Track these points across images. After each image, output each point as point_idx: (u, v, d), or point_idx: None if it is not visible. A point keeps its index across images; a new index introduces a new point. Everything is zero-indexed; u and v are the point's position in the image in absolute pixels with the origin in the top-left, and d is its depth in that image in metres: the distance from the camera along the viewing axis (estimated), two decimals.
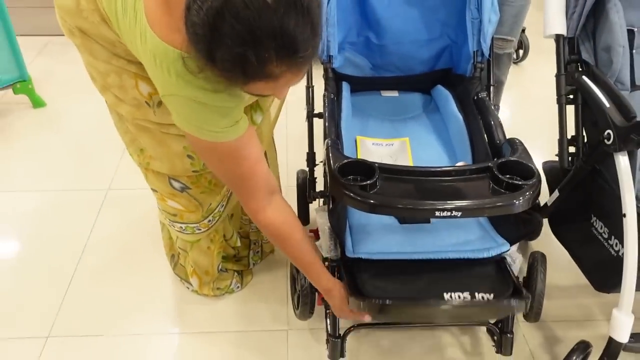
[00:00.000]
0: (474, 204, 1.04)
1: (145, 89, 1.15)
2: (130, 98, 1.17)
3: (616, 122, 1.20)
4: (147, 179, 1.40)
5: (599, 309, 1.63)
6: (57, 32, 1.25)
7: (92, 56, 1.13)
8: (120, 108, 1.20)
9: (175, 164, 1.28)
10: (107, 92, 1.20)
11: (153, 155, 1.29)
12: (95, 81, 1.21)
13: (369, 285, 1.18)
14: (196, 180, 1.34)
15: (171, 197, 1.38)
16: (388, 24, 1.61)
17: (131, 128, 1.26)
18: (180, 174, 1.31)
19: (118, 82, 1.15)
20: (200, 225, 1.45)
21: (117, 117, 1.28)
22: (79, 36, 1.11)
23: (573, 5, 1.35)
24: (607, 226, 1.32)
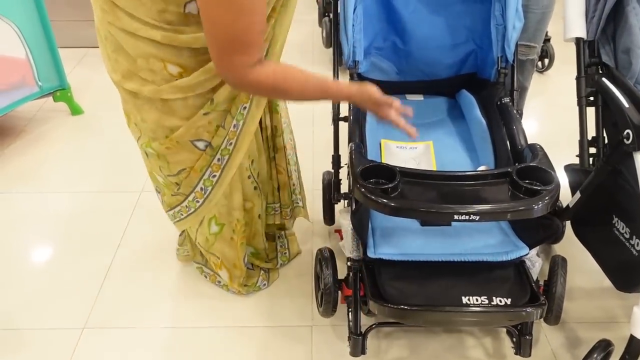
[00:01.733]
0: (492, 208, 1.07)
1: (174, 70, 1.21)
2: (160, 79, 1.22)
3: (635, 122, 1.22)
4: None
5: (622, 310, 1.63)
6: (95, 44, 1.33)
7: (121, 39, 1.18)
8: (144, 90, 1.24)
9: (199, 126, 1.32)
10: (132, 78, 1.24)
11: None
12: (116, 71, 1.26)
13: (389, 286, 1.23)
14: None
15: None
16: (414, 30, 1.66)
17: (158, 104, 1.28)
18: (206, 135, 1.34)
19: (147, 67, 1.21)
20: (181, 210, 1.50)
21: (130, 97, 1.30)
22: (110, 9, 1.16)
23: (592, 9, 1.38)
24: (628, 226, 1.34)
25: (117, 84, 1.31)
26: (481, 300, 1.15)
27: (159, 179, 1.50)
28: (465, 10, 1.61)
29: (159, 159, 1.40)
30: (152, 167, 1.48)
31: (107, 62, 1.29)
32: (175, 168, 1.41)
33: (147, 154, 1.43)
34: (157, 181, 1.52)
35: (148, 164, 1.50)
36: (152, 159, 1.43)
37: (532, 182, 1.09)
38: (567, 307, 1.54)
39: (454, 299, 1.17)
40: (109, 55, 1.27)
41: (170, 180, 1.46)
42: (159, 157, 1.39)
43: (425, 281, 1.23)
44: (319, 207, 1.92)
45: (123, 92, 1.32)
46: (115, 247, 1.90)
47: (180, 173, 1.42)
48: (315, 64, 3.06)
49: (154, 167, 1.47)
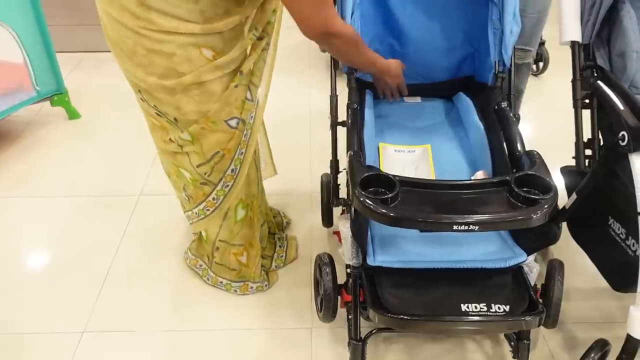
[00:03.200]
0: (491, 218, 1.08)
1: (209, 53, 1.30)
2: (198, 66, 1.30)
3: (630, 124, 1.23)
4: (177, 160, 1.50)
5: (618, 311, 1.65)
6: (91, 49, 1.35)
7: (156, 41, 1.24)
8: (185, 79, 1.30)
9: (231, 101, 1.40)
10: (170, 75, 1.29)
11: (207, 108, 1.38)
12: (152, 74, 1.30)
13: (389, 294, 1.24)
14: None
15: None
16: (410, 33, 1.67)
17: (195, 92, 1.35)
18: (235, 112, 1.43)
19: (185, 56, 1.27)
20: (207, 204, 1.55)
21: (168, 94, 1.35)
22: (143, 14, 1.21)
23: (588, 13, 1.39)
24: (624, 227, 1.35)
25: (153, 87, 1.33)
26: (480, 307, 1.17)
27: (187, 175, 1.52)
28: (463, 14, 1.63)
29: (193, 145, 1.44)
30: (180, 161, 1.50)
31: (138, 69, 1.31)
32: (209, 152, 1.45)
33: (180, 146, 1.45)
34: (183, 178, 1.54)
35: (175, 162, 1.51)
36: (186, 147, 1.45)
37: (530, 191, 1.10)
38: (564, 308, 1.54)
39: (453, 307, 1.19)
40: (139, 62, 1.29)
41: (199, 172, 1.49)
42: (193, 142, 1.43)
43: (424, 289, 1.24)
44: (318, 210, 1.93)
45: (160, 92, 1.34)
46: (114, 251, 1.90)
47: (213, 157, 1.46)
48: (312, 68, 3.07)
49: (184, 161, 1.49)
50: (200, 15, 1.24)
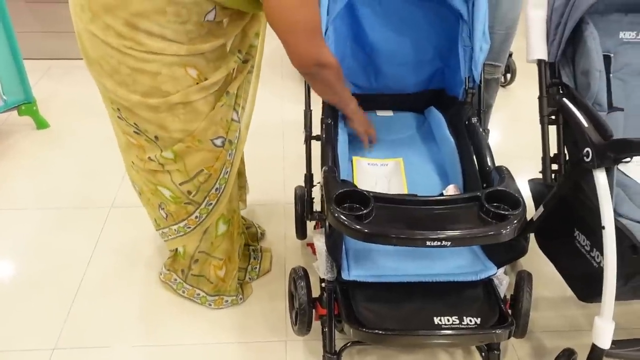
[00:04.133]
0: (463, 234, 1.11)
1: (194, 72, 1.31)
2: (184, 86, 1.30)
3: (594, 141, 1.28)
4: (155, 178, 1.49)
5: (584, 319, 1.70)
6: (60, 56, 1.34)
7: (141, 60, 1.24)
8: (172, 98, 1.31)
9: (217, 120, 1.41)
10: (154, 93, 1.29)
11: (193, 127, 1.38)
12: (135, 92, 1.29)
13: (363, 308, 1.26)
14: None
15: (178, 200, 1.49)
16: (382, 47, 1.70)
17: (180, 111, 1.35)
18: (221, 131, 1.44)
19: (170, 75, 1.28)
20: (188, 223, 1.55)
21: (151, 112, 1.35)
22: (130, 34, 1.20)
23: (553, 33, 1.44)
24: (589, 239, 1.40)
25: (136, 105, 1.32)
26: (452, 320, 1.20)
27: (166, 193, 1.51)
28: (433, 29, 1.66)
29: (176, 163, 1.43)
30: (160, 180, 1.49)
31: (120, 88, 1.30)
32: (193, 170, 1.45)
33: (161, 165, 1.44)
34: (161, 196, 1.53)
35: (153, 180, 1.50)
36: (168, 166, 1.44)
37: (500, 206, 1.13)
38: (533, 317, 1.59)
39: (427, 320, 1.21)
40: (122, 80, 1.28)
41: (182, 189, 1.48)
42: (176, 160, 1.42)
43: (398, 302, 1.27)
44: (292, 221, 1.94)
45: (143, 110, 1.33)
46: (85, 265, 1.87)
47: (197, 176, 1.46)
48: (285, 78, 3.08)
49: (164, 179, 1.48)
50: (185, 36, 1.25)
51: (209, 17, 1.26)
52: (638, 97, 1.52)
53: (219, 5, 1.25)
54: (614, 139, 1.24)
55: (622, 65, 1.51)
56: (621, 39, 1.51)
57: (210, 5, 1.24)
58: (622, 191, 1.35)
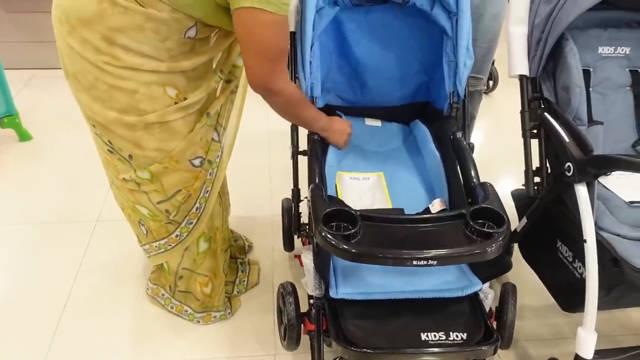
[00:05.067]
0: (448, 253, 1.14)
1: (172, 92, 1.31)
2: (161, 105, 1.30)
3: (575, 156, 1.31)
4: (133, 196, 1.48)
5: (568, 327, 1.73)
6: (42, 66, 1.33)
7: (118, 77, 1.23)
8: (148, 117, 1.30)
9: (196, 141, 1.41)
10: (131, 111, 1.28)
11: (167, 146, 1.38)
12: (111, 109, 1.28)
13: (351, 325, 1.28)
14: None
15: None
16: (367, 61, 1.72)
17: (157, 130, 1.34)
18: (200, 151, 1.44)
19: (148, 94, 1.27)
20: (169, 241, 1.55)
21: (127, 130, 1.34)
22: (107, 49, 1.20)
23: (534, 49, 1.47)
24: (571, 250, 1.43)
25: (112, 122, 1.31)
26: (439, 336, 1.22)
27: (144, 211, 1.50)
28: (418, 44, 1.68)
29: (152, 183, 1.42)
30: (137, 198, 1.48)
31: (96, 104, 1.29)
32: (170, 190, 1.44)
33: (137, 184, 1.43)
34: (140, 214, 1.52)
35: (131, 198, 1.49)
36: (144, 186, 1.44)
37: (485, 223, 1.15)
38: (518, 326, 1.61)
39: (414, 336, 1.24)
40: (99, 96, 1.28)
41: (159, 208, 1.48)
42: (152, 181, 1.41)
43: (386, 318, 1.28)
44: (279, 233, 1.94)
45: (119, 128, 1.32)
46: (71, 281, 1.86)
47: (174, 196, 1.45)
48: None
49: (141, 198, 1.47)
50: (166, 53, 1.25)
51: (190, 33, 1.26)
52: (617, 111, 1.56)
53: (200, 22, 1.25)
54: (594, 155, 1.28)
55: (602, 80, 1.55)
56: (600, 53, 1.55)
57: (191, 22, 1.24)
58: (602, 204, 1.38)
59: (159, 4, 1.18)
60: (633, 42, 1.56)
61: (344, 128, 1.61)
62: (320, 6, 1.49)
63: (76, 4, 1.20)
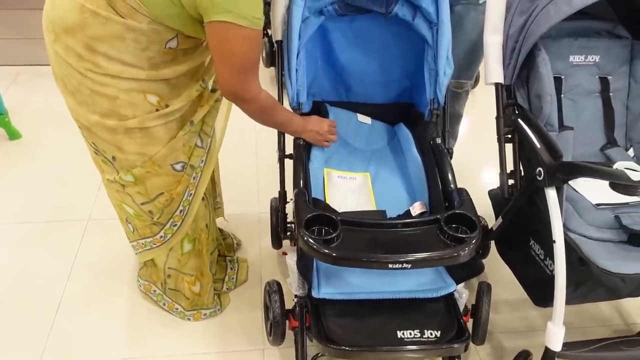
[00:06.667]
0: (423, 257, 1.22)
1: (154, 99, 1.34)
2: (142, 112, 1.33)
3: (545, 161, 1.38)
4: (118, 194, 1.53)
5: (541, 320, 1.83)
6: (29, 62, 1.35)
7: (99, 84, 1.28)
8: (128, 122, 1.34)
9: (178, 147, 1.45)
10: (112, 115, 1.32)
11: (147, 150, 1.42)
12: (93, 112, 1.32)
13: (332, 323, 1.36)
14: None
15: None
16: (352, 67, 1.78)
17: (137, 134, 1.38)
18: (182, 157, 1.47)
19: (128, 100, 1.31)
20: (154, 240, 1.60)
21: (108, 134, 1.38)
22: (88, 57, 1.24)
23: (509, 57, 1.54)
24: (542, 248, 1.51)
25: (94, 125, 1.35)
26: (414, 334, 1.31)
27: (129, 210, 1.56)
28: (401, 51, 1.74)
29: (136, 186, 1.47)
30: (122, 198, 1.53)
31: (80, 107, 1.34)
32: (153, 192, 1.49)
33: (122, 185, 1.48)
34: (127, 212, 1.58)
35: (117, 197, 1.55)
36: (128, 188, 1.48)
37: (459, 228, 1.23)
38: (493, 319, 1.70)
39: (390, 334, 1.33)
40: (83, 100, 1.32)
41: (143, 209, 1.52)
42: (136, 183, 1.46)
43: (365, 317, 1.37)
44: (267, 230, 2.01)
45: (101, 131, 1.37)
46: (65, 278, 1.91)
47: (157, 198, 1.50)
48: None
49: (126, 198, 1.52)
50: (146, 62, 1.29)
51: (171, 44, 1.29)
52: (587, 116, 1.65)
53: (180, 33, 1.29)
54: (563, 162, 1.36)
55: (572, 87, 1.63)
56: (571, 62, 1.63)
57: (171, 33, 1.28)
58: (571, 206, 1.46)
59: (138, 15, 1.21)
60: (602, 51, 1.64)
61: (320, 127, 1.64)
62: (306, 16, 1.54)
63: (60, 13, 1.24)
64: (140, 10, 1.20)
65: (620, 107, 1.68)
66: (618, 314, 1.90)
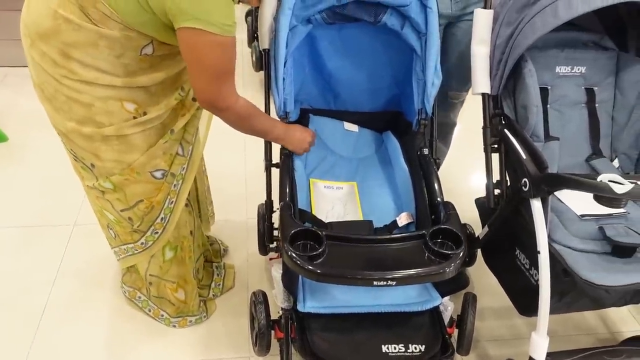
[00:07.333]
0: (407, 274, 1.21)
1: (131, 107, 1.33)
2: (118, 119, 1.32)
3: (531, 172, 1.39)
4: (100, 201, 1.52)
5: (526, 328, 1.84)
6: (16, 64, 1.33)
7: (75, 90, 1.26)
8: (105, 130, 1.33)
9: (158, 155, 1.44)
10: (88, 122, 1.31)
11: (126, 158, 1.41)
12: (70, 120, 1.31)
13: (317, 337, 1.36)
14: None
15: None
16: (340, 75, 1.78)
17: (114, 142, 1.37)
18: (163, 164, 1.46)
19: (104, 108, 1.30)
20: (135, 247, 1.59)
21: (85, 141, 1.37)
22: (63, 63, 1.23)
23: (496, 68, 1.54)
24: (528, 258, 1.52)
25: (71, 132, 1.34)
26: (398, 348, 1.31)
27: (110, 217, 1.55)
28: (389, 60, 1.74)
29: (115, 192, 1.46)
30: (103, 204, 1.52)
31: (57, 114, 1.33)
32: (133, 200, 1.48)
33: (102, 192, 1.47)
34: (108, 218, 1.57)
35: (98, 203, 1.54)
36: (107, 195, 1.47)
37: (444, 243, 1.24)
38: (479, 327, 1.71)
39: (375, 349, 1.32)
40: (59, 107, 1.31)
41: (123, 216, 1.51)
42: (115, 190, 1.45)
43: (350, 331, 1.37)
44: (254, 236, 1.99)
45: (78, 138, 1.36)
46: (50, 286, 1.90)
47: (136, 205, 1.49)
48: (246, 87, 3.12)
49: (106, 205, 1.51)
50: (122, 69, 1.27)
51: (146, 51, 1.28)
52: (572, 127, 1.66)
53: (155, 40, 1.28)
54: (548, 174, 1.36)
55: (558, 97, 1.64)
56: (557, 72, 1.64)
57: (146, 40, 1.26)
58: (556, 217, 1.47)
59: (111, 22, 1.20)
60: (588, 62, 1.65)
61: (303, 137, 1.63)
62: (293, 24, 1.53)
63: (34, 18, 1.23)
64: (113, 17, 1.19)
65: (606, 118, 1.69)
66: (602, 322, 1.91)
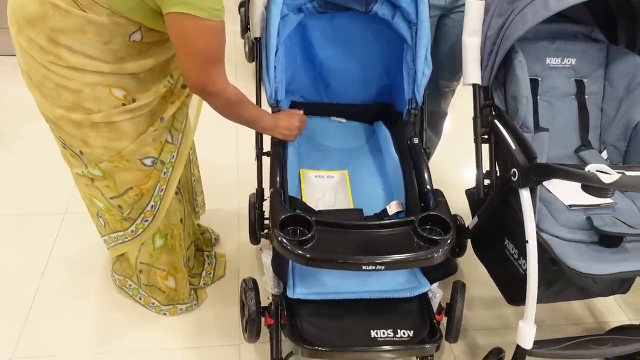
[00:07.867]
0: (396, 259, 1.22)
1: (120, 93, 1.32)
2: (107, 106, 1.32)
3: (520, 162, 1.40)
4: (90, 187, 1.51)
5: (514, 317, 1.86)
6: (5, 52, 1.32)
7: (63, 77, 1.26)
8: (93, 117, 1.32)
9: (148, 142, 1.43)
10: (77, 109, 1.31)
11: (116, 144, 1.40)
12: (59, 106, 1.31)
13: (307, 323, 1.37)
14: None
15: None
16: (331, 64, 1.78)
17: (103, 129, 1.36)
18: (152, 152, 1.46)
19: (92, 94, 1.29)
20: (125, 234, 1.60)
21: (74, 128, 1.36)
22: (51, 49, 1.22)
23: (486, 59, 1.55)
24: (517, 248, 1.53)
25: (59, 118, 1.34)
26: (387, 333, 1.32)
27: (99, 205, 1.54)
28: (380, 50, 1.75)
29: (105, 180, 1.46)
30: (92, 192, 1.52)
31: (46, 101, 1.32)
32: (122, 187, 1.48)
33: (91, 179, 1.47)
34: (97, 206, 1.56)
35: (87, 191, 1.53)
36: (97, 182, 1.47)
37: (433, 229, 1.24)
38: (468, 316, 1.73)
39: (364, 334, 1.33)
40: (47, 94, 1.30)
41: (113, 204, 1.51)
42: (105, 177, 1.45)
43: (339, 317, 1.38)
44: (246, 225, 1.99)
45: (66, 125, 1.35)
46: (40, 274, 1.90)
47: (126, 192, 1.48)
48: (239, 77, 3.11)
49: (95, 192, 1.51)
50: (111, 55, 1.27)
51: (135, 37, 1.27)
52: (562, 118, 1.67)
53: (144, 27, 1.27)
54: (537, 164, 1.37)
55: (548, 89, 1.65)
56: (548, 64, 1.65)
57: (134, 26, 1.25)
58: (544, 207, 1.49)
59: (98, 7, 1.19)
60: (579, 54, 1.66)
61: (291, 123, 1.61)
62: (284, 13, 1.53)
63: (21, 2, 1.22)
64: (100, 3, 1.18)
65: (595, 110, 1.71)
66: (590, 312, 1.93)
